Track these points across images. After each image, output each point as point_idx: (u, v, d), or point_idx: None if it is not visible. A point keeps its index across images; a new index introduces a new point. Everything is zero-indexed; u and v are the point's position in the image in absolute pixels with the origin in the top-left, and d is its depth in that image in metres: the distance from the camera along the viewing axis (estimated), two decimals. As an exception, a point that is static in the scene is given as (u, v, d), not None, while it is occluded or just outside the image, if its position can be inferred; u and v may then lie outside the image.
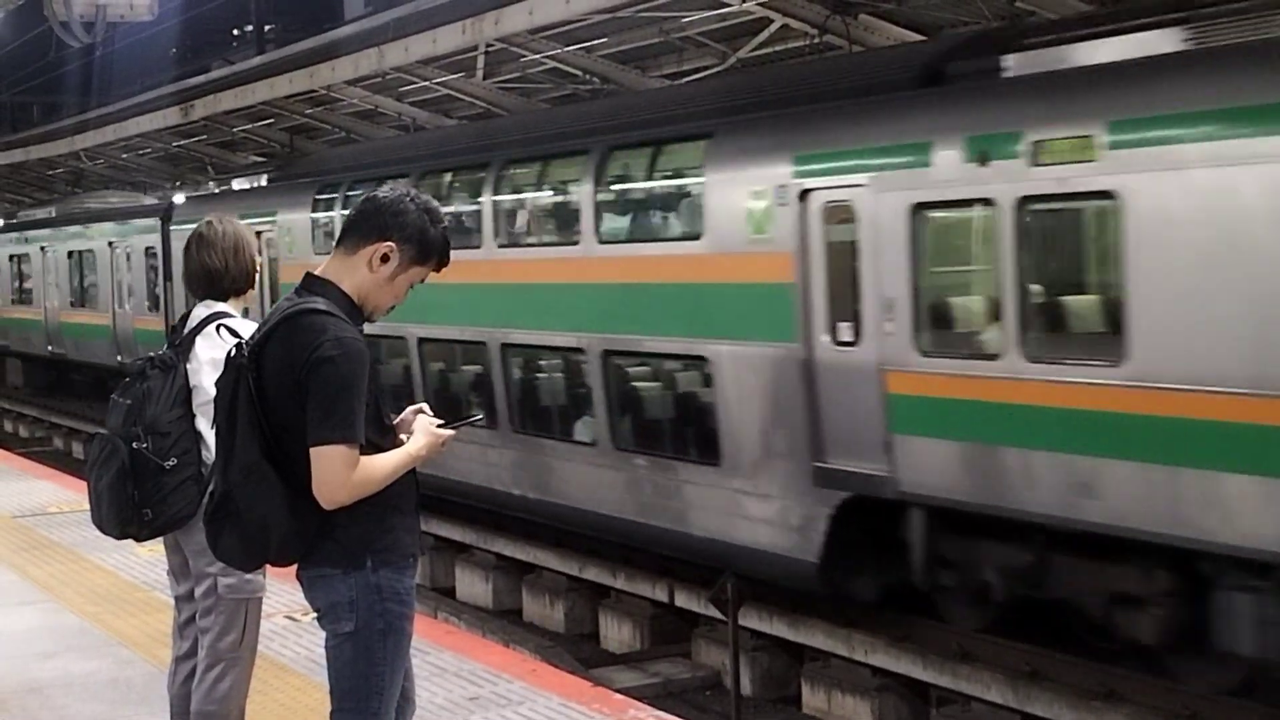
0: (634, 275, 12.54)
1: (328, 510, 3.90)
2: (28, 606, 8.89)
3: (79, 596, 9.13)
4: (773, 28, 14.87)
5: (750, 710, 10.92)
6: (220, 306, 5.19)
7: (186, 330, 5.15)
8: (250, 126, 24.93)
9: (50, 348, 29.14)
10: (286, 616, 8.13)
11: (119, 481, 4.94)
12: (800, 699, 11.09)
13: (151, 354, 5.17)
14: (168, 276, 23.54)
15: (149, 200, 28.58)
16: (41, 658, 7.75)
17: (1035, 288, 9.38)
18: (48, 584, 9.51)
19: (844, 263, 10.43)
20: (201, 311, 5.18)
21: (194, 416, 4.98)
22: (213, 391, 4.73)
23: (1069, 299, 9.53)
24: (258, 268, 5.32)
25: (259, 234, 19.99)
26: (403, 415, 4.11)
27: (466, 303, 14.36)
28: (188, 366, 5.04)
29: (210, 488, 4.11)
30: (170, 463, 4.93)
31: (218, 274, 5.21)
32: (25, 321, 30.47)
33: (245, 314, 5.28)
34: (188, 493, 4.92)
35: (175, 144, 27.84)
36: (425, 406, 4.14)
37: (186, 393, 5.01)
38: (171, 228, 23.09)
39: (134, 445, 4.93)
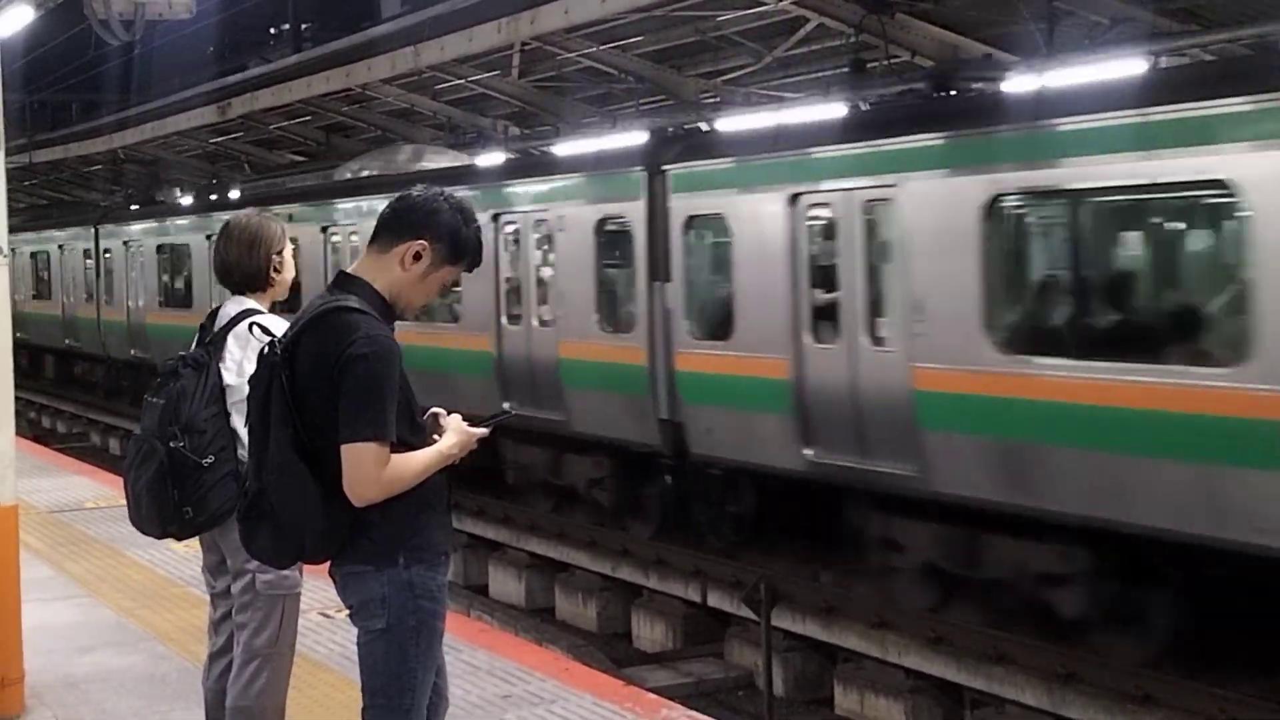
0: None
1: (360, 508, 3.91)
2: (65, 601, 8.95)
3: (115, 592, 9.19)
4: (809, 27, 14.85)
5: (783, 711, 10.90)
6: (248, 303, 5.18)
7: (217, 327, 5.16)
8: (287, 124, 25.03)
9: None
10: (320, 613, 8.15)
11: (159, 481, 4.95)
12: (833, 700, 11.06)
13: (183, 353, 5.17)
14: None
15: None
16: (78, 652, 7.80)
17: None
18: (84, 579, 9.58)
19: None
20: (231, 308, 5.18)
21: (229, 414, 4.99)
22: (246, 389, 4.76)
23: None
24: (279, 267, 5.25)
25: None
26: (423, 419, 4.11)
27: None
28: (221, 365, 5.05)
29: (244, 485, 4.12)
30: (208, 460, 4.93)
31: (231, 267, 5.21)
32: None
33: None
34: (226, 490, 4.92)
35: (212, 142, 27.97)
36: (442, 411, 4.15)
37: (220, 390, 5.01)
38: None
39: (171, 444, 4.93)
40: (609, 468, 14.42)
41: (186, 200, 28.20)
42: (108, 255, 27.79)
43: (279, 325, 4.80)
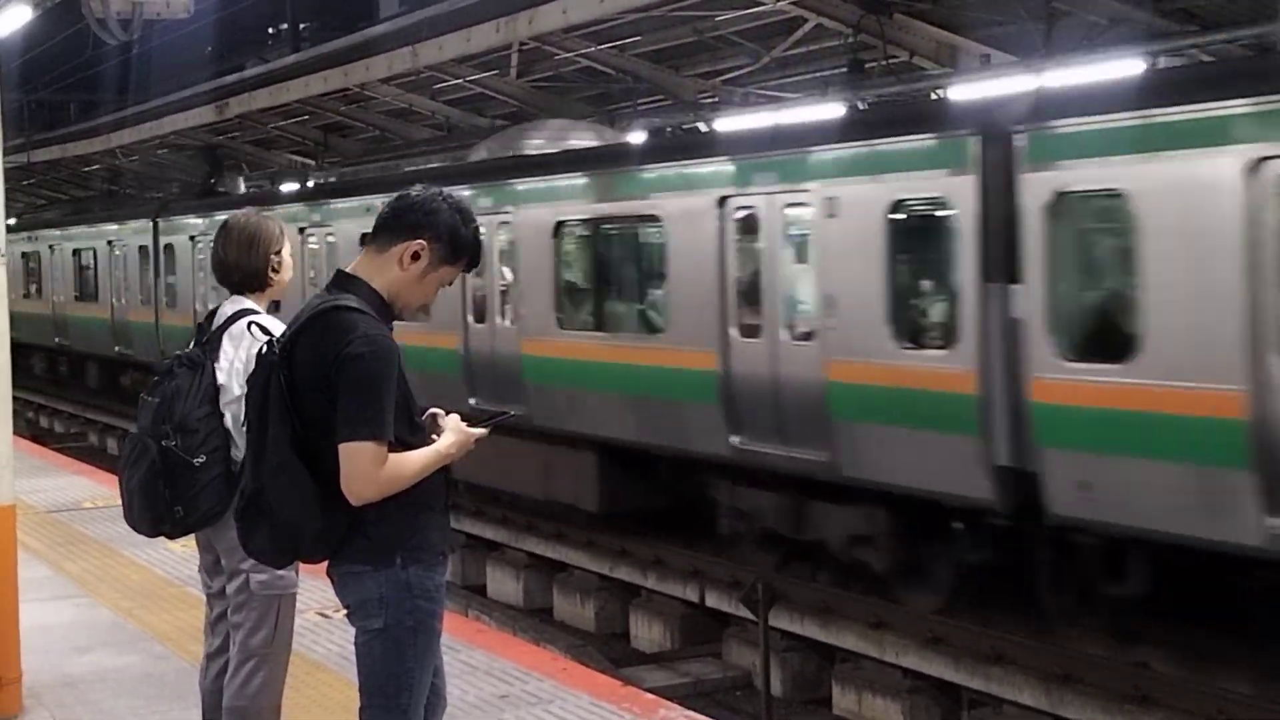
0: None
1: (358, 507, 3.91)
2: (62, 601, 8.95)
3: (113, 591, 9.18)
4: (807, 27, 14.86)
5: (781, 711, 10.90)
6: (246, 303, 5.18)
7: (214, 327, 5.17)
8: (284, 124, 25.02)
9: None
10: (318, 613, 8.16)
11: (151, 480, 4.96)
12: (831, 700, 11.06)
13: (179, 352, 5.18)
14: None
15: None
16: (76, 652, 7.79)
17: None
18: (82, 579, 9.57)
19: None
20: (228, 309, 5.18)
21: (222, 414, 4.99)
22: (238, 390, 4.77)
23: None
24: (277, 267, 5.23)
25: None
26: (422, 419, 4.11)
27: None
28: (215, 365, 5.05)
29: (241, 485, 4.13)
30: (200, 460, 4.93)
31: (230, 267, 5.21)
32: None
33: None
34: (217, 490, 4.93)
35: (211, 141, 27.96)
36: (440, 411, 4.15)
37: (214, 390, 5.01)
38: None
39: (163, 443, 4.94)
40: (884, 523, 11.15)
41: (262, 188, 25.19)
42: (169, 252, 24.54)
43: (277, 325, 4.81)
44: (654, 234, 13.44)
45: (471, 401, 15.11)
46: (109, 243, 27.68)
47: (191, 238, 23.57)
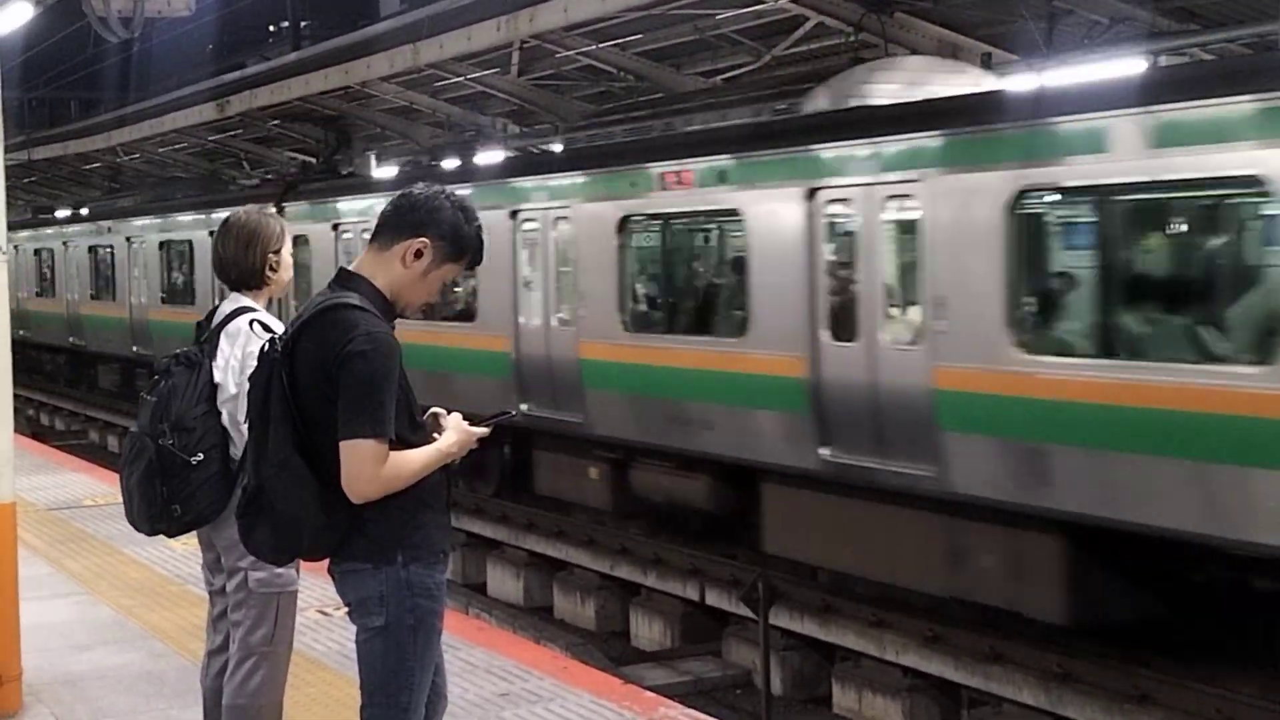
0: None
1: (359, 505, 3.91)
2: (63, 599, 8.96)
3: (113, 589, 9.18)
4: (808, 26, 14.85)
5: (781, 709, 10.90)
6: (245, 300, 5.18)
7: (213, 325, 5.17)
8: (285, 122, 25.02)
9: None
10: (319, 611, 8.16)
11: (148, 478, 4.96)
12: (831, 699, 11.07)
13: (177, 350, 5.19)
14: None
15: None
16: (76, 650, 7.80)
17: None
18: (83, 577, 9.57)
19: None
20: (226, 307, 5.19)
21: (219, 413, 4.99)
22: (233, 389, 4.78)
23: None
24: (275, 266, 5.21)
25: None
26: (424, 418, 4.12)
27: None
28: (213, 363, 5.05)
29: (243, 482, 4.13)
30: (197, 458, 4.93)
31: (227, 264, 5.21)
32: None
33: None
34: (215, 488, 4.93)
35: (211, 139, 27.97)
36: (442, 410, 4.16)
37: (211, 388, 5.01)
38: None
39: (160, 442, 4.94)
40: None
41: (450, 162, 19.59)
42: (303, 244, 18.91)
43: (278, 323, 4.81)
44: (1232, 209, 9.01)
45: (823, 453, 10.95)
46: (211, 233, 24.13)
47: (335, 226, 18.75)
